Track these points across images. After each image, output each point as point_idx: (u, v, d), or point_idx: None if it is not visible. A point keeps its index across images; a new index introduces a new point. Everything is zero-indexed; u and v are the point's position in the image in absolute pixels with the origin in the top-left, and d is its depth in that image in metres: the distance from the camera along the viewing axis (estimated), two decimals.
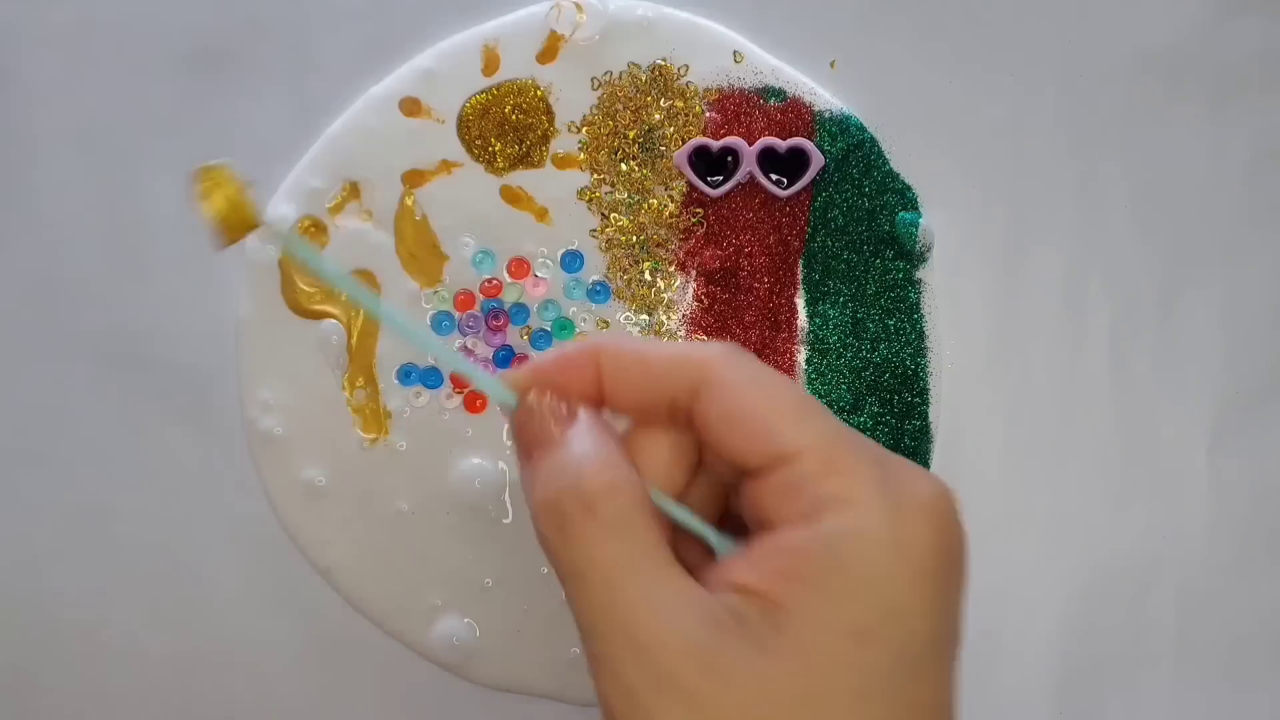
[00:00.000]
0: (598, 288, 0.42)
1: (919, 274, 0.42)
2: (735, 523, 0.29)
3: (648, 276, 0.42)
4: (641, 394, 0.28)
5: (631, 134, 0.42)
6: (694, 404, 0.28)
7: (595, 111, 0.42)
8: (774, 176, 0.42)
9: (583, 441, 0.27)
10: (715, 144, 0.42)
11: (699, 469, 0.30)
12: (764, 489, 0.27)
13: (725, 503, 0.30)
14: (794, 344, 0.42)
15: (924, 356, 0.42)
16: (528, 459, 0.28)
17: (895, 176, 0.42)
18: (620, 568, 0.26)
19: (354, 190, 0.42)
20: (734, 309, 0.42)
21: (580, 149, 0.42)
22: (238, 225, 0.27)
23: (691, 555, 0.28)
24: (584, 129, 0.42)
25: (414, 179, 0.42)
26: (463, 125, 0.42)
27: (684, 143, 0.42)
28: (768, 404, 0.27)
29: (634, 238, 0.42)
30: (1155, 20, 0.43)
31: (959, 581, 0.27)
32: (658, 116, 0.42)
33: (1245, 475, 0.43)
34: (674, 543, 0.28)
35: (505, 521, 0.41)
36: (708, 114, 0.42)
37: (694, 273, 0.42)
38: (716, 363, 0.28)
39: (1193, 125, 0.43)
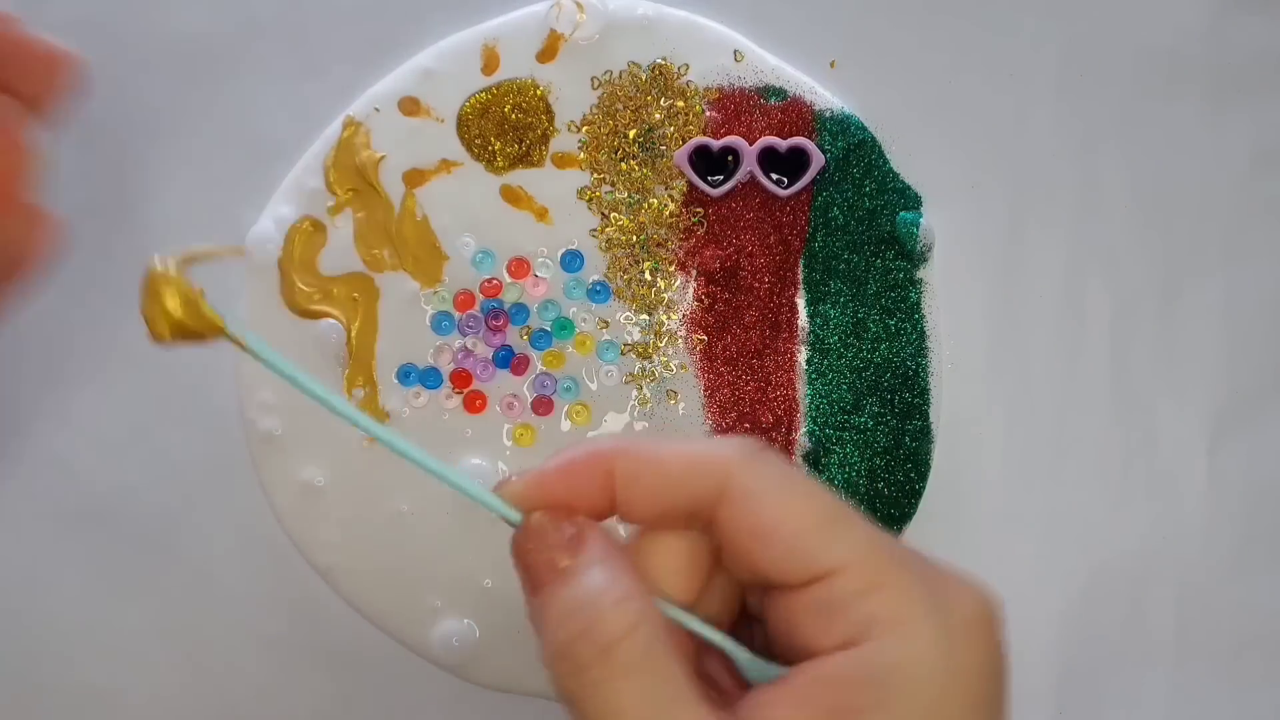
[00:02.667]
0: (598, 287, 0.42)
1: (920, 274, 0.42)
2: (752, 622, 0.27)
3: (648, 276, 0.42)
4: (658, 504, 0.26)
5: (632, 133, 0.42)
6: (716, 513, 0.26)
7: (595, 111, 0.42)
8: (774, 176, 0.41)
9: (594, 575, 0.25)
10: (715, 143, 0.41)
11: (714, 570, 0.27)
12: (798, 606, 0.25)
13: (743, 603, 0.28)
14: (794, 344, 0.42)
15: (925, 356, 0.42)
16: (535, 592, 0.26)
17: (896, 176, 0.42)
18: (645, 717, 0.24)
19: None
20: (734, 309, 0.42)
21: (580, 148, 0.42)
22: (194, 330, 0.25)
23: (717, 674, 0.27)
24: (584, 128, 0.42)
25: (414, 178, 0.42)
26: (462, 125, 0.42)
27: (684, 142, 0.42)
28: (799, 515, 0.25)
29: (634, 237, 0.42)
30: (1155, 20, 0.43)
31: (1005, 700, 0.26)
32: (658, 116, 0.42)
33: (1245, 475, 0.43)
34: (697, 663, 0.26)
35: None
36: (708, 113, 0.42)
37: (694, 272, 0.42)
38: (738, 468, 0.26)
39: (1193, 125, 0.43)
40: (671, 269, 0.42)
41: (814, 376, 0.42)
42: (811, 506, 0.26)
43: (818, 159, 0.41)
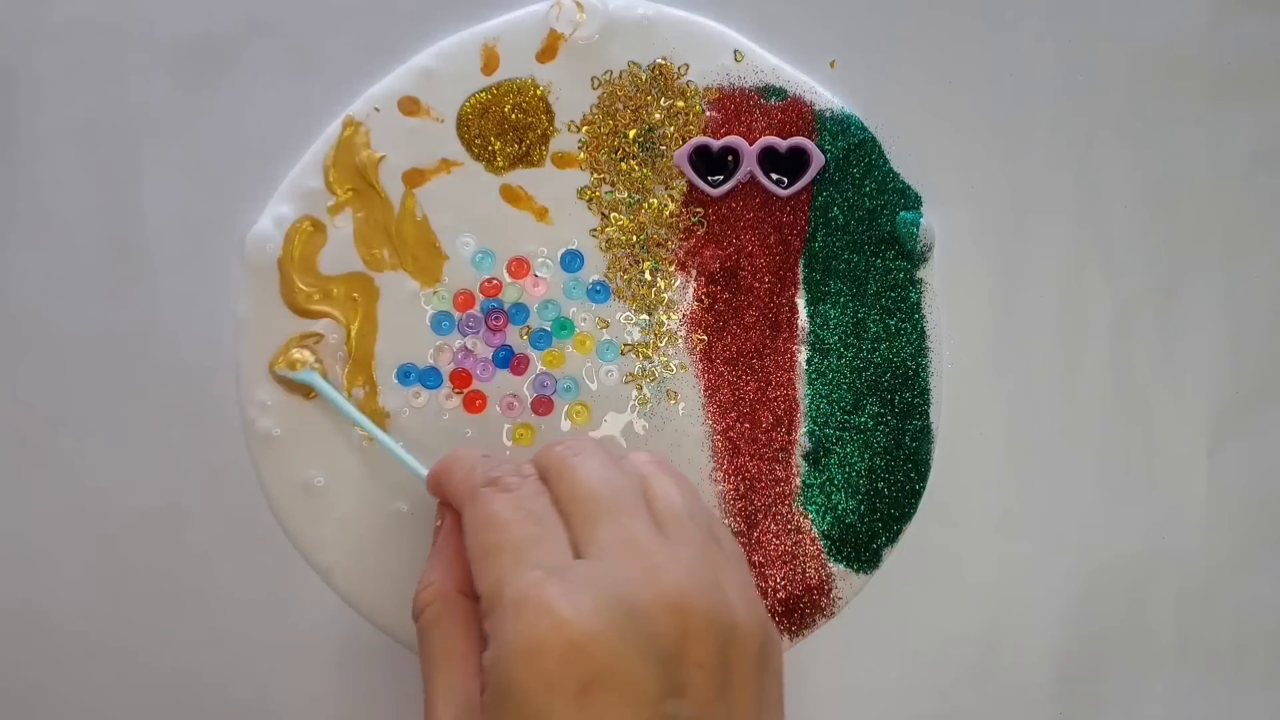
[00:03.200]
0: (598, 287, 0.41)
1: (920, 274, 0.42)
2: None
3: (648, 276, 0.41)
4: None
5: (632, 133, 0.41)
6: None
7: (595, 111, 0.41)
8: (774, 176, 0.41)
9: (432, 557, 0.35)
10: (716, 143, 0.41)
11: None
12: None
13: None
14: (794, 344, 0.41)
15: (925, 356, 0.42)
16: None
17: (896, 176, 0.42)
18: (431, 664, 0.33)
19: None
20: (734, 309, 0.41)
21: (580, 148, 0.42)
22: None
23: None
24: (584, 128, 0.42)
25: (413, 178, 0.41)
26: (462, 124, 0.41)
27: (684, 142, 0.41)
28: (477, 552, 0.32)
29: (634, 237, 0.41)
30: (1155, 20, 0.43)
31: None
32: (658, 116, 0.41)
33: (1245, 475, 0.43)
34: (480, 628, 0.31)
35: None
36: (708, 113, 0.41)
37: (694, 272, 0.41)
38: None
39: (1193, 125, 0.43)
40: (671, 269, 0.41)
41: (814, 376, 0.41)
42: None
43: (818, 159, 0.41)
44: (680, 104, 0.41)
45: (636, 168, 0.41)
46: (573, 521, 0.32)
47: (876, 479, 0.41)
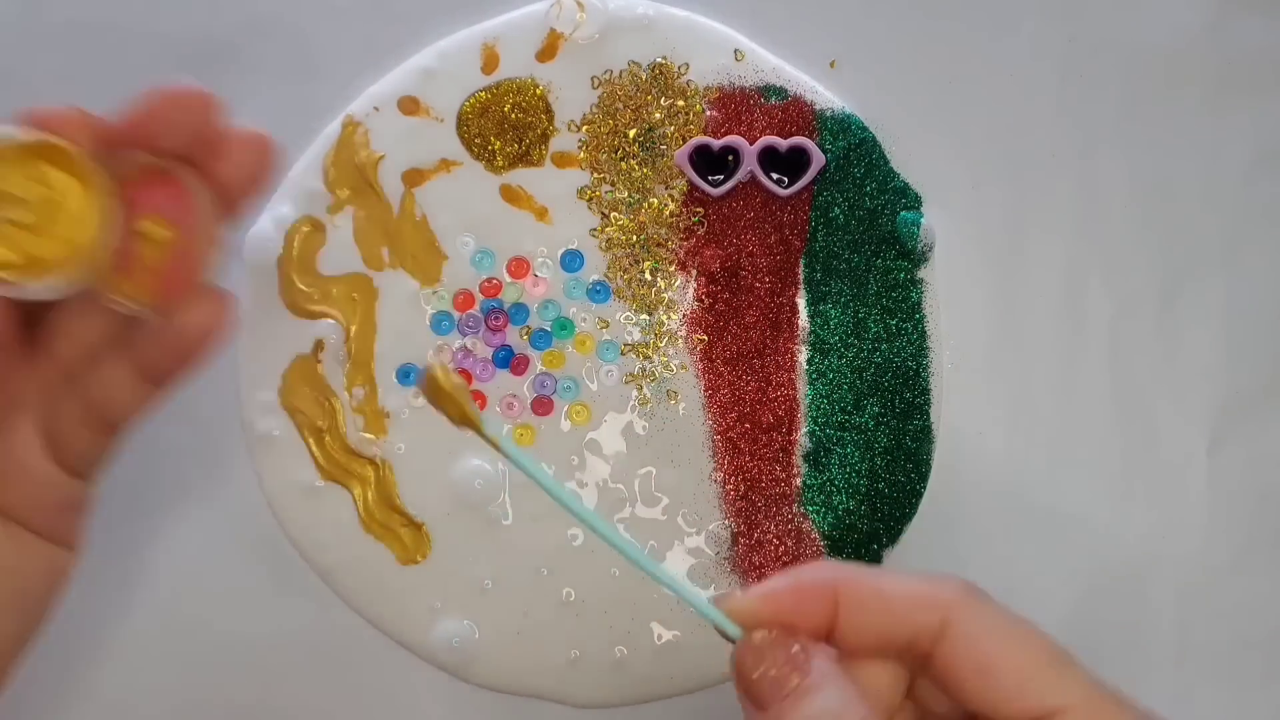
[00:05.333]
0: (598, 287, 0.41)
1: (920, 274, 0.41)
2: None
3: (648, 276, 0.41)
4: (878, 633, 0.27)
5: (632, 133, 0.41)
6: (937, 648, 0.27)
7: (595, 110, 0.41)
8: (775, 175, 0.41)
9: (830, 695, 0.26)
10: (716, 143, 0.41)
11: (902, 704, 0.29)
12: None
13: None
14: (795, 344, 0.41)
15: (925, 356, 0.41)
16: (761, 708, 0.27)
17: (896, 176, 0.42)
18: None
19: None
20: (734, 308, 0.41)
21: (580, 148, 0.41)
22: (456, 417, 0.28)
23: None
24: (584, 128, 0.41)
25: (413, 178, 0.41)
26: (462, 124, 0.41)
27: (684, 141, 0.41)
28: (1025, 655, 0.27)
29: (634, 237, 0.41)
30: (1155, 20, 0.42)
31: None
32: (658, 115, 0.41)
33: (1245, 475, 0.42)
34: None
35: (505, 523, 0.41)
36: (708, 113, 0.41)
37: (695, 272, 0.41)
38: (961, 606, 0.27)
39: (1193, 125, 0.42)
40: (672, 269, 0.41)
41: (814, 376, 0.41)
42: (1036, 647, 0.27)
43: (818, 158, 0.41)
44: (680, 103, 0.41)
45: (636, 167, 0.41)
46: None
47: (877, 479, 0.41)
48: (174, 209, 0.30)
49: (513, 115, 0.41)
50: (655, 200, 0.41)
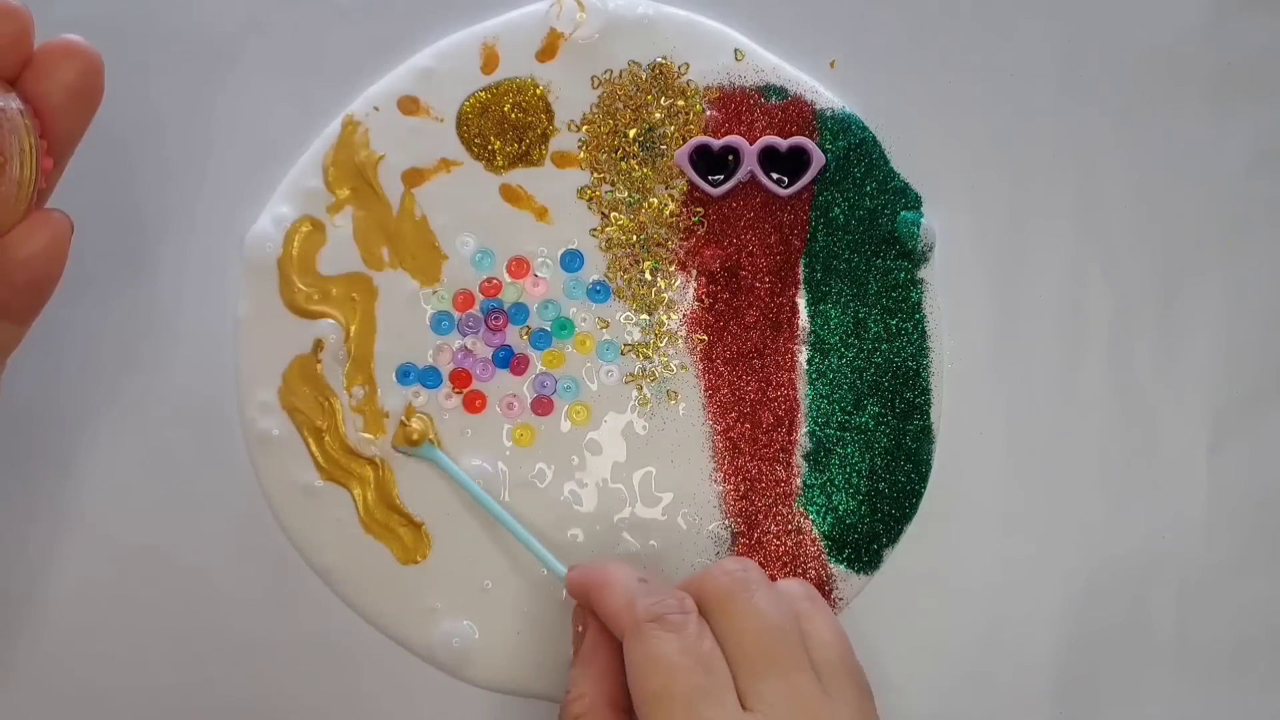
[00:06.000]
0: (598, 287, 0.41)
1: (921, 274, 0.41)
2: None
3: (648, 276, 0.41)
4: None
5: (632, 133, 0.41)
6: None
7: (595, 110, 0.41)
8: (775, 175, 0.41)
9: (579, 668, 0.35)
10: (716, 143, 0.41)
11: None
12: None
13: None
14: (795, 344, 0.41)
15: (925, 356, 0.41)
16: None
17: (896, 176, 0.41)
18: None
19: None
20: (735, 308, 0.41)
21: (580, 148, 0.41)
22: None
23: None
24: (584, 127, 0.41)
25: (413, 178, 0.41)
26: (462, 124, 0.41)
27: (684, 141, 0.41)
28: None
29: (634, 237, 0.41)
30: (1155, 20, 0.42)
31: None
32: (658, 115, 0.41)
33: (1245, 475, 0.42)
34: None
35: None
36: (708, 112, 0.41)
37: (695, 272, 0.41)
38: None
39: (1193, 125, 0.42)
40: (672, 269, 0.41)
41: (814, 376, 0.41)
42: None
43: (818, 158, 0.41)
44: (680, 103, 0.41)
45: (637, 167, 0.41)
46: (739, 670, 0.32)
47: (877, 479, 0.41)
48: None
49: (513, 115, 0.41)
50: (655, 200, 0.41)
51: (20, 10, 0.29)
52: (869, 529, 0.41)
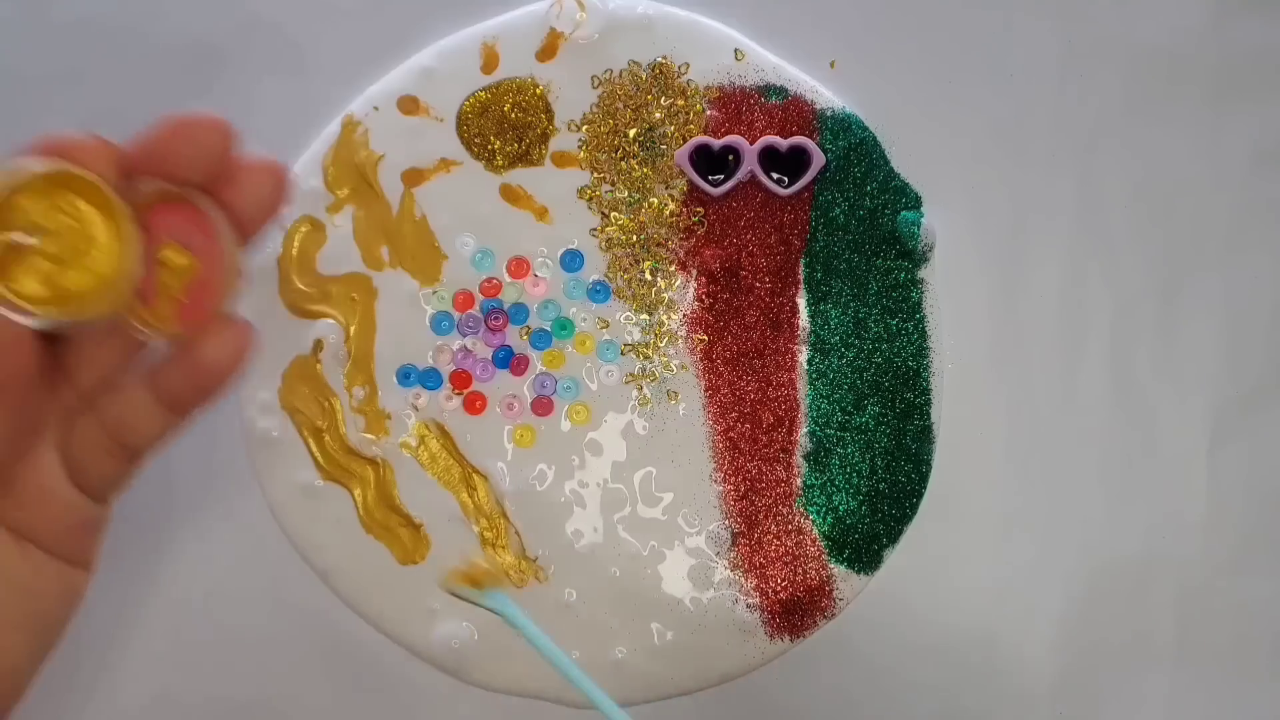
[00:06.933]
0: (598, 287, 0.41)
1: (921, 274, 0.41)
2: None
3: (648, 276, 0.41)
4: None
5: (632, 132, 0.41)
6: None
7: (595, 110, 0.41)
8: (775, 175, 0.40)
9: None
10: (716, 142, 0.40)
11: None
12: None
13: None
14: (795, 344, 0.41)
15: (926, 356, 0.41)
16: None
17: (896, 176, 0.41)
18: None
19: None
20: (735, 308, 0.41)
21: (580, 147, 0.41)
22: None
23: None
24: (584, 127, 0.41)
25: (413, 177, 0.41)
26: (462, 123, 0.41)
27: (685, 141, 0.40)
28: None
29: (634, 237, 0.41)
30: (1155, 20, 0.42)
31: None
32: (658, 115, 0.41)
33: (1245, 475, 0.42)
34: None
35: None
36: (708, 112, 0.41)
37: (695, 272, 0.41)
38: None
39: (1193, 125, 0.42)
40: (672, 268, 0.41)
41: (815, 376, 0.41)
42: None
43: (818, 158, 0.40)
44: (681, 103, 0.41)
45: (637, 167, 0.41)
46: None
47: (877, 480, 0.40)
48: (194, 237, 0.29)
49: (513, 115, 0.41)
50: (655, 200, 0.41)
51: (229, 127, 0.29)
52: (869, 529, 0.40)
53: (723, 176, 0.40)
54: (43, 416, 0.30)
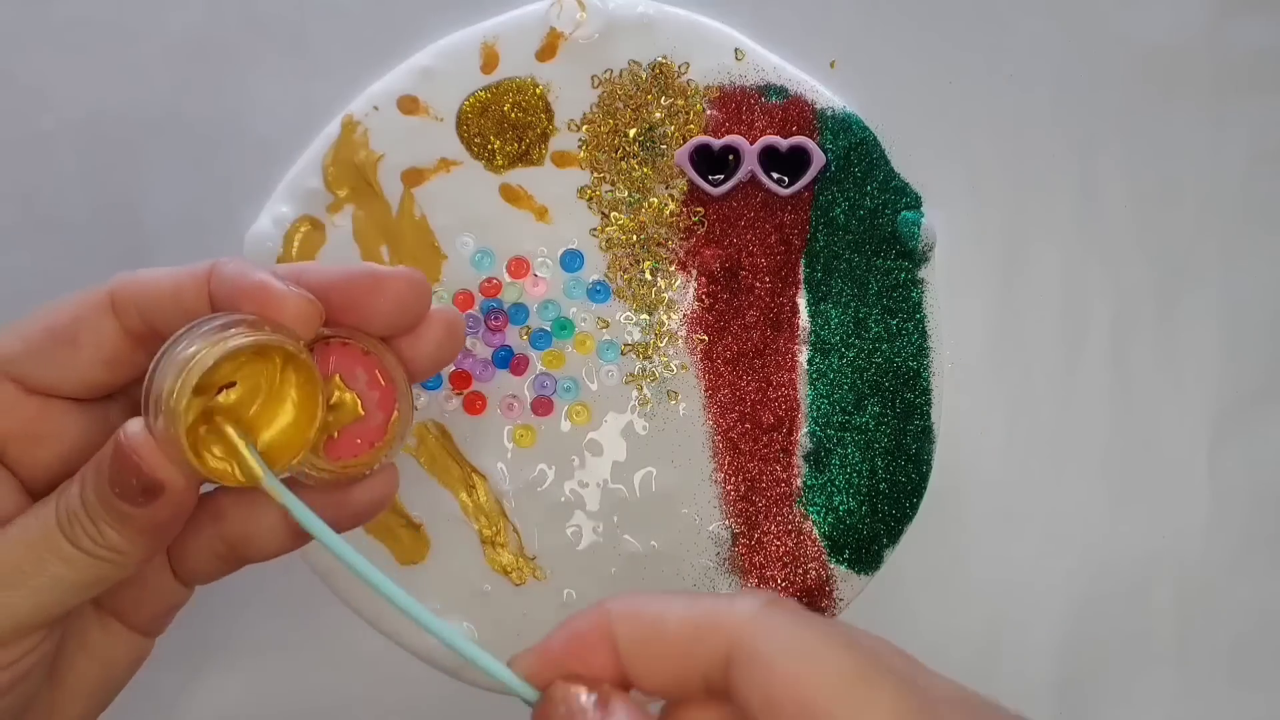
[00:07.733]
0: (598, 287, 0.40)
1: (921, 273, 0.41)
2: None
3: (648, 276, 0.40)
4: (667, 671, 0.24)
5: (632, 132, 0.40)
6: (729, 681, 0.23)
7: (595, 109, 0.40)
8: (775, 175, 0.40)
9: None
10: (716, 142, 0.40)
11: None
12: None
13: None
14: (795, 344, 0.40)
15: (926, 356, 0.41)
16: None
17: (897, 175, 0.41)
18: None
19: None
20: (735, 308, 0.40)
21: (580, 147, 0.40)
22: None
23: None
24: (584, 127, 0.40)
25: (412, 177, 0.40)
26: (462, 123, 0.40)
27: (685, 141, 0.40)
28: (818, 683, 0.22)
29: (634, 237, 0.40)
30: (1155, 20, 0.42)
31: None
32: (658, 115, 0.40)
33: (1245, 475, 0.42)
34: None
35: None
36: (709, 112, 0.40)
37: (695, 272, 0.40)
38: (746, 629, 0.23)
39: (1193, 125, 0.42)
40: (672, 268, 0.40)
41: (815, 376, 0.40)
42: (828, 670, 0.23)
43: (819, 158, 0.40)
44: (681, 103, 0.40)
45: (637, 167, 0.40)
46: None
47: (878, 480, 0.40)
48: (375, 388, 0.28)
49: (512, 115, 0.40)
50: (655, 200, 0.40)
51: (428, 285, 0.28)
52: (869, 529, 0.40)
53: (723, 176, 0.40)
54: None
